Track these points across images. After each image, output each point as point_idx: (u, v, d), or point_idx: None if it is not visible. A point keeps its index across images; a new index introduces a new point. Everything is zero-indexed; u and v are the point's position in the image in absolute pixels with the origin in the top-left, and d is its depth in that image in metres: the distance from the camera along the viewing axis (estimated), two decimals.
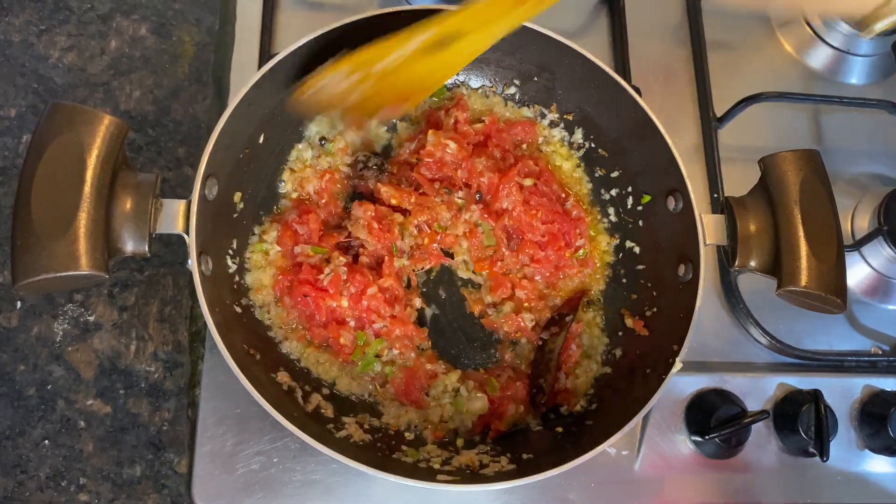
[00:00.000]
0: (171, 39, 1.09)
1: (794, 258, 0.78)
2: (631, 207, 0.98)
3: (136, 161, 1.01)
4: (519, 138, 1.00)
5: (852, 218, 1.09)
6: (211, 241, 0.80)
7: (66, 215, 0.67)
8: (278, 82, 0.85)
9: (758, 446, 0.95)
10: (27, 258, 0.66)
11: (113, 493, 0.90)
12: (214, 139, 0.77)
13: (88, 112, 0.71)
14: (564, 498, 0.91)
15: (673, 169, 0.87)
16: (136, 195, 0.72)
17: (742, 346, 1.02)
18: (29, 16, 1.06)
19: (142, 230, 0.72)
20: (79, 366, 0.93)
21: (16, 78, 1.03)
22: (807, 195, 0.80)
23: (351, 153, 0.97)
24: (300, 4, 1.10)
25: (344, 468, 0.87)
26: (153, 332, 0.95)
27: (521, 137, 1.00)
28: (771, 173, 0.83)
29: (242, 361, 0.74)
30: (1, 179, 0.98)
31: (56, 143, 0.69)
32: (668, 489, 0.93)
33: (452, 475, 0.77)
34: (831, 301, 0.78)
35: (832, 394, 0.96)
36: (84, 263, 0.67)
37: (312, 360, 0.88)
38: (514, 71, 1.00)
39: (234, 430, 0.88)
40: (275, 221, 0.92)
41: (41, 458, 0.89)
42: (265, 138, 0.89)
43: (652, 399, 0.78)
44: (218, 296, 0.80)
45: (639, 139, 0.92)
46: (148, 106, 1.05)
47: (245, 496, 0.86)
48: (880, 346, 1.05)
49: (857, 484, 0.97)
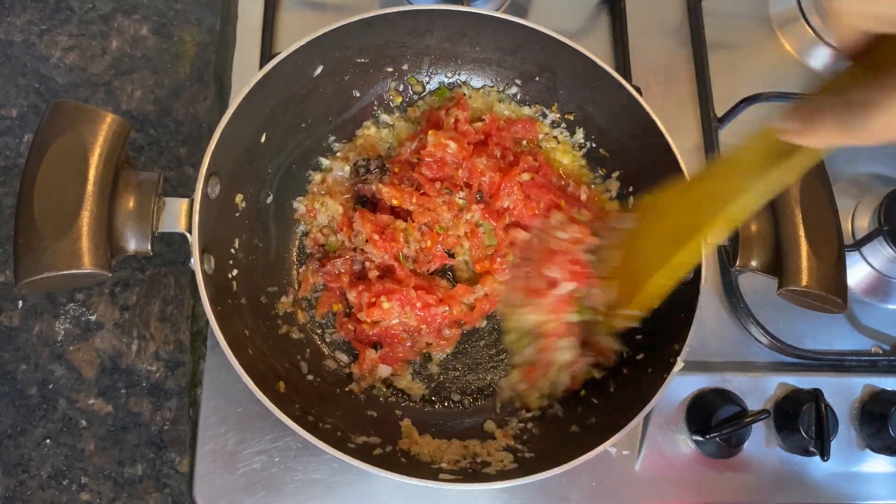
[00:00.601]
0: (172, 39, 1.09)
1: (795, 258, 0.79)
2: (632, 207, 0.98)
3: (138, 161, 1.02)
4: (519, 136, 1.00)
5: (852, 218, 1.09)
6: (213, 240, 0.80)
7: (69, 214, 0.68)
8: (279, 82, 0.85)
9: (758, 446, 0.96)
10: (30, 257, 0.66)
11: (114, 492, 0.90)
12: (217, 137, 0.77)
13: (91, 111, 0.71)
14: (565, 497, 0.91)
15: (674, 168, 0.87)
16: (138, 194, 0.72)
17: (743, 345, 1.02)
18: (30, 16, 1.06)
19: (144, 229, 0.72)
20: (80, 365, 0.93)
21: (17, 78, 1.03)
22: (807, 195, 0.81)
23: (351, 160, 0.97)
24: (301, 4, 1.11)
25: (345, 467, 0.88)
26: (155, 331, 0.96)
27: (521, 135, 1.00)
28: None
29: (244, 359, 0.74)
30: (2, 179, 0.98)
31: (58, 142, 0.70)
32: (668, 489, 0.93)
33: (454, 474, 0.77)
34: (832, 301, 0.79)
35: (833, 393, 0.96)
36: (87, 262, 0.67)
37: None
38: (515, 71, 1.00)
39: (236, 429, 0.88)
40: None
41: (43, 457, 0.90)
42: (267, 138, 0.89)
43: (654, 398, 0.78)
44: (220, 293, 0.80)
45: (640, 139, 0.92)
46: (149, 106, 1.05)
47: (246, 495, 0.86)
48: (881, 346, 1.05)
49: (858, 483, 0.97)
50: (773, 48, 1.22)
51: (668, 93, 1.14)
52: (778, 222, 0.81)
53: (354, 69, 0.95)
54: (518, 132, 1.00)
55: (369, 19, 0.87)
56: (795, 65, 1.21)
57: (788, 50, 1.22)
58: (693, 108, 1.14)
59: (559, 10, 1.18)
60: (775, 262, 0.81)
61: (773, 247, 0.81)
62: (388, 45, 0.95)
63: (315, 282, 0.93)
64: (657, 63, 1.16)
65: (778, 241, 0.80)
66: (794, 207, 0.80)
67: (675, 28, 1.19)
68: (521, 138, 1.01)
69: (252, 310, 0.87)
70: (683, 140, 1.10)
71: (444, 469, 0.79)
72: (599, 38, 1.16)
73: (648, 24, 1.17)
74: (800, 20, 1.22)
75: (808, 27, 1.22)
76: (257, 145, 0.88)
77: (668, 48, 1.18)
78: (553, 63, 0.96)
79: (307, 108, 0.93)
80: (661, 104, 0.92)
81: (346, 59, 0.92)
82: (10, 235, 0.96)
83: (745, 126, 1.11)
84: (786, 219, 0.80)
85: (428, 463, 0.81)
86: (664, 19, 1.19)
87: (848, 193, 1.11)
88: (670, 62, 1.17)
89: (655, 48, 1.17)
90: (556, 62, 0.96)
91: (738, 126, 1.11)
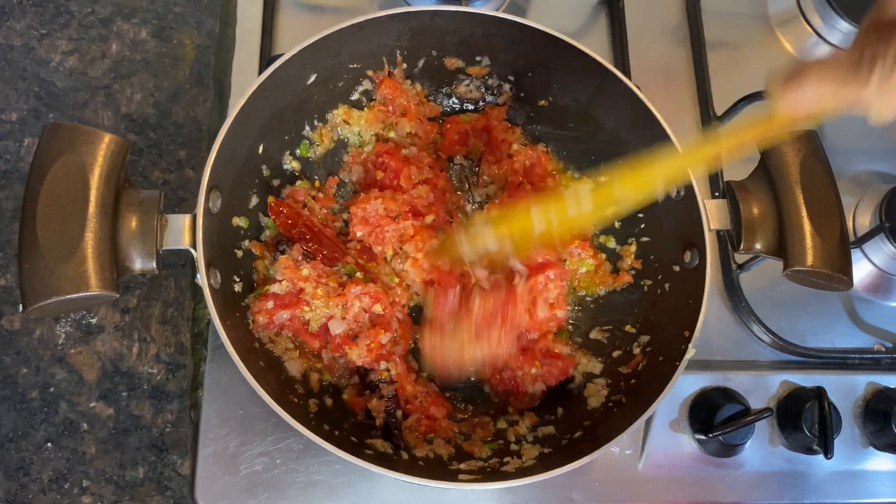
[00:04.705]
0: (171, 43, 1.09)
1: (799, 238, 0.79)
2: None
3: (138, 164, 1.02)
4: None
5: (854, 215, 1.09)
6: (218, 253, 0.80)
7: (73, 237, 0.67)
8: (277, 89, 0.85)
9: (761, 444, 0.95)
10: (36, 281, 0.66)
11: (116, 495, 0.90)
12: (216, 151, 0.77)
13: (89, 132, 0.71)
14: (568, 497, 0.91)
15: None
16: (140, 212, 0.72)
17: (745, 344, 1.02)
18: (30, 20, 1.07)
19: (149, 247, 0.71)
20: (81, 368, 0.93)
21: (17, 82, 1.03)
22: (807, 175, 0.81)
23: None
24: (300, 7, 1.11)
25: (347, 468, 0.87)
26: (155, 334, 0.96)
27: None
28: (770, 156, 0.83)
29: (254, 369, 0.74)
30: (3, 183, 0.98)
31: (58, 164, 0.69)
32: (671, 487, 0.93)
33: (473, 474, 0.77)
34: (838, 278, 0.79)
35: (835, 391, 0.96)
36: (94, 284, 0.67)
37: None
38: (508, 68, 0.99)
39: (237, 431, 0.88)
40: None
41: (44, 460, 0.89)
42: (264, 148, 0.89)
43: (668, 385, 0.77)
44: (228, 306, 0.80)
45: (636, 130, 0.92)
46: (149, 109, 1.05)
47: (248, 497, 0.86)
48: (883, 344, 1.05)
49: (862, 481, 0.97)
50: (772, 47, 1.22)
51: (668, 92, 1.14)
52: (780, 204, 0.81)
53: (347, 75, 0.94)
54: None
55: (368, 22, 0.87)
56: (795, 63, 1.21)
57: (788, 49, 1.22)
58: (693, 107, 1.14)
59: (558, 10, 1.18)
60: (779, 243, 0.81)
61: (776, 229, 0.81)
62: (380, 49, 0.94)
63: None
64: (656, 63, 1.16)
65: (781, 222, 0.80)
66: (795, 188, 0.80)
67: (674, 27, 1.19)
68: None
69: None
70: (684, 139, 1.09)
71: (462, 470, 0.79)
72: (598, 38, 1.16)
73: (647, 24, 1.17)
74: (799, 19, 1.23)
75: (808, 26, 1.22)
76: (256, 156, 0.88)
77: (667, 48, 1.18)
78: (546, 58, 0.96)
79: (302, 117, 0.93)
80: (660, 103, 0.92)
81: (338, 65, 0.92)
82: (9, 239, 0.96)
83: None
84: (787, 200, 0.80)
85: (446, 464, 0.81)
86: (663, 19, 1.19)
87: (849, 191, 1.11)
88: (669, 61, 1.17)
89: (654, 48, 1.17)
90: (550, 57, 0.95)
91: (738, 124, 1.11)
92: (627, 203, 0.83)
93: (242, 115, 0.80)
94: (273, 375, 0.82)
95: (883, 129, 1.18)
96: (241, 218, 0.87)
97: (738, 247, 0.83)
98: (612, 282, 0.97)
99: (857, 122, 1.16)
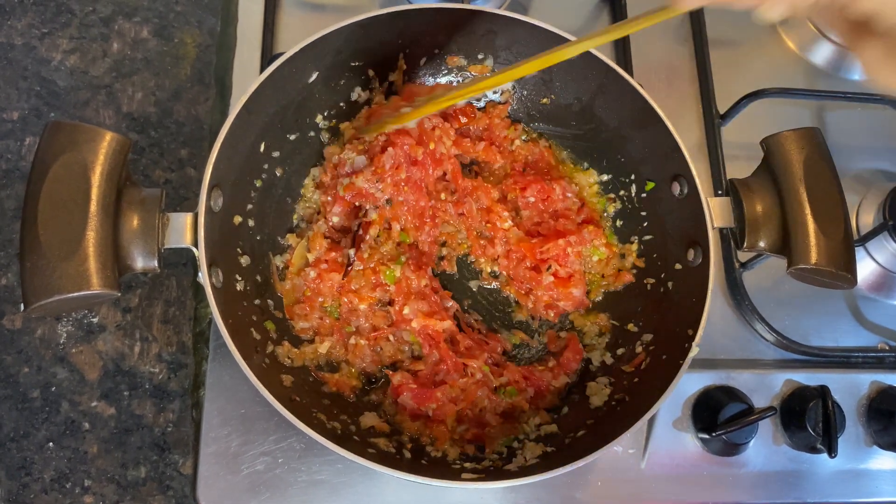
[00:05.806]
0: (172, 41, 1.09)
1: (803, 236, 0.78)
2: (635, 195, 0.97)
3: (139, 163, 1.01)
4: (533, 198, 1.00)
5: (857, 214, 1.09)
6: (220, 252, 0.80)
7: (74, 235, 0.67)
8: (278, 87, 0.84)
9: (765, 443, 0.95)
10: (38, 280, 0.65)
11: (118, 494, 0.90)
12: (217, 149, 0.77)
13: (90, 130, 0.70)
14: (571, 496, 0.91)
15: (676, 154, 0.87)
16: (142, 211, 0.72)
17: (748, 343, 1.02)
18: (31, 19, 1.06)
19: (150, 246, 0.71)
20: (83, 367, 0.93)
21: (18, 81, 1.03)
22: (811, 173, 0.80)
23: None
24: (302, 6, 1.11)
25: (350, 468, 0.87)
26: (157, 333, 0.95)
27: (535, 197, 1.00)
28: (774, 153, 0.83)
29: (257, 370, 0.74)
30: (4, 182, 0.98)
31: (59, 162, 0.68)
32: (674, 486, 0.93)
33: (477, 473, 0.77)
34: (842, 276, 0.78)
35: (839, 390, 0.96)
36: (95, 283, 0.66)
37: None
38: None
39: (239, 430, 0.88)
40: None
41: (46, 460, 0.89)
42: (265, 147, 0.89)
43: (671, 384, 0.77)
44: (229, 304, 0.80)
45: (639, 127, 0.92)
46: (150, 107, 1.05)
47: (250, 497, 0.86)
48: (887, 342, 1.05)
49: (866, 480, 0.97)
50: (774, 45, 1.22)
51: (670, 90, 1.14)
52: (783, 202, 0.80)
53: (349, 73, 0.94)
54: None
55: (370, 20, 0.86)
56: (797, 61, 1.21)
57: (790, 46, 1.22)
58: (695, 106, 1.14)
59: (560, 7, 1.18)
60: (783, 241, 0.80)
61: (779, 227, 0.81)
62: (381, 47, 0.94)
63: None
64: (659, 61, 1.16)
65: (784, 220, 0.80)
66: (799, 186, 0.80)
67: (677, 25, 1.19)
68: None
69: (262, 318, 0.87)
70: (686, 137, 1.07)
71: (466, 469, 0.79)
72: None
73: None
74: (801, 17, 1.22)
75: (810, 23, 1.22)
76: (257, 154, 0.88)
77: (669, 46, 1.18)
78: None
79: (303, 115, 0.92)
80: (663, 102, 0.92)
81: (339, 63, 0.91)
82: (11, 238, 0.96)
83: (748, 122, 1.11)
84: (791, 198, 0.80)
85: (449, 463, 0.81)
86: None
87: (852, 189, 1.10)
88: (672, 60, 1.17)
89: (657, 46, 1.17)
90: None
91: (741, 122, 1.11)
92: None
93: (244, 114, 0.80)
94: (275, 374, 0.81)
95: (886, 127, 1.18)
96: (243, 216, 0.86)
97: (741, 245, 0.82)
98: (614, 280, 0.97)
99: (861, 120, 1.17)
